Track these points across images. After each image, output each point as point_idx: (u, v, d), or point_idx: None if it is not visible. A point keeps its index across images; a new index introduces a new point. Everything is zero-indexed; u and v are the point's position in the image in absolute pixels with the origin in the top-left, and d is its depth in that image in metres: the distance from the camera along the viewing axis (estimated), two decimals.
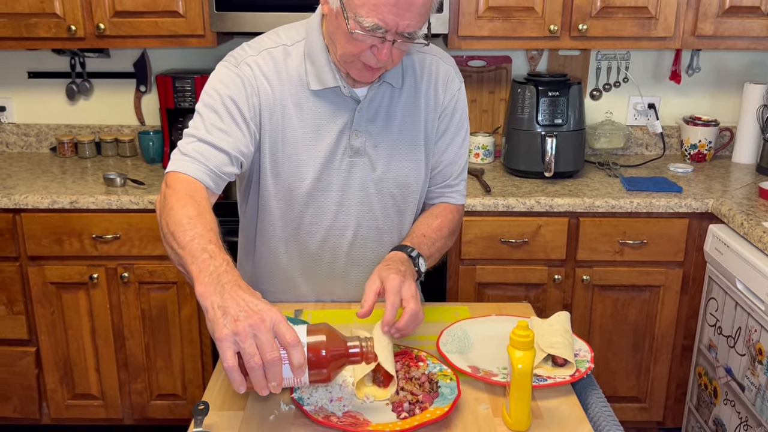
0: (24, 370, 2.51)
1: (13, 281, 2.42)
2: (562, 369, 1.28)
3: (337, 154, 1.45)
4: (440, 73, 1.51)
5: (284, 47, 1.43)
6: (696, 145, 2.78)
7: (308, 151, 1.43)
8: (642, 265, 2.40)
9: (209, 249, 1.12)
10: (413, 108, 1.48)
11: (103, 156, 2.88)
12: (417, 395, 1.19)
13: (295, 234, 1.51)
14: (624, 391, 2.55)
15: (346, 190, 1.47)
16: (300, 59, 1.42)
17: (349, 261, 1.54)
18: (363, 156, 1.46)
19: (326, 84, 1.40)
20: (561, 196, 2.35)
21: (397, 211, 1.53)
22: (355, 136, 1.44)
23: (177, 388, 2.55)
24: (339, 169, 1.45)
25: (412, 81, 1.48)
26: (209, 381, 1.29)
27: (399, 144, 1.48)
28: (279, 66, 1.41)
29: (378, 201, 1.50)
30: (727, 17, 2.45)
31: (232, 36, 2.70)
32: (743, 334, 2.07)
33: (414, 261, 1.41)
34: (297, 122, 1.42)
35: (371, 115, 1.45)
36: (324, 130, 1.43)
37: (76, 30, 2.46)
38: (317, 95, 1.42)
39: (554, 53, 2.83)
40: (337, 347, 1.07)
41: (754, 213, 2.17)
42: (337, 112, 1.43)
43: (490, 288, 2.42)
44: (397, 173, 1.49)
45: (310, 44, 1.41)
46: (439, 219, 1.55)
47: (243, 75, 1.39)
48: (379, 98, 1.45)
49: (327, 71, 1.40)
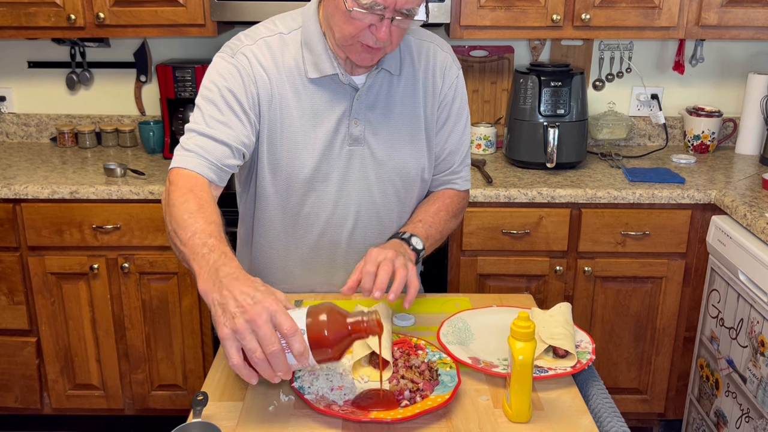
0: (25, 361, 2.51)
1: (13, 271, 2.41)
2: (563, 360, 1.27)
3: (336, 143, 1.44)
4: (437, 60, 1.50)
5: (280, 35, 1.42)
6: (699, 136, 2.76)
7: (307, 140, 1.42)
8: (644, 256, 2.39)
9: (209, 243, 1.14)
10: (412, 95, 1.48)
11: (104, 146, 2.87)
12: (417, 383, 1.19)
13: (293, 224, 1.50)
14: (625, 382, 2.54)
15: (346, 179, 1.46)
16: (297, 47, 1.41)
17: (349, 251, 1.53)
18: (362, 144, 1.45)
19: (324, 72, 1.39)
20: (563, 187, 2.34)
21: (397, 200, 1.52)
22: (354, 124, 1.43)
23: (178, 378, 2.55)
24: (338, 158, 1.45)
25: (410, 68, 1.47)
26: (209, 372, 1.28)
27: (399, 131, 1.47)
28: (275, 54, 1.40)
29: (378, 189, 1.49)
30: (732, 7, 2.43)
31: (233, 25, 2.69)
32: (745, 326, 2.07)
33: (407, 241, 1.41)
34: (295, 111, 1.41)
35: (370, 102, 1.44)
36: (322, 118, 1.42)
37: (75, 19, 2.44)
38: (315, 83, 1.41)
39: (557, 43, 2.81)
40: (339, 326, 1.07)
41: (758, 204, 2.16)
42: (335, 100, 1.42)
43: (491, 279, 2.42)
44: (397, 161, 1.48)
45: (307, 32, 1.40)
46: (436, 204, 1.55)
47: (240, 65, 1.38)
48: (377, 86, 1.45)
49: (325, 59, 1.39)
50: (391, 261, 1.30)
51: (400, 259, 1.31)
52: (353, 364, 1.21)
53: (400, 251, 1.36)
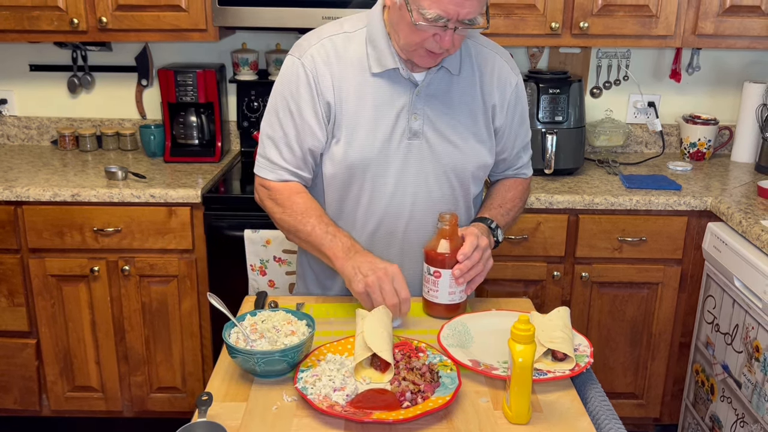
0: (24, 362, 2.52)
1: (14, 273, 2.42)
2: (562, 363, 1.29)
3: (395, 136, 1.49)
4: (495, 68, 1.57)
5: (345, 34, 1.50)
6: (695, 144, 2.79)
7: (368, 132, 1.49)
8: (641, 262, 2.41)
9: (330, 231, 1.46)
10: (471, 96, 1.54)
11: (104, 149, 2.89)
12: (419, 385, 1.20)
13: (353, 214, 1.56)
14: (621, 387, 2.56)
15: (404, 172, 1.52)
16: (362, 44, 1.49)
17: (405, 243, 1.58)
18: (421, 138, 1.50)
19: (386, 66, 1.46)
20: (561, 193, 2.36)
21: (452, 195, 1.57)
22: (414, 119, 1.49)
23: (177, 381, 2.56)
24: (397, 151, 1.50)
25: (470, 70, 1.54)
26: (212, 372, 1.30)
27: (456, 128, 1.52)
28: (339, 51, 1.48)
29: (435, 183, 1.54)
30: (728, 16, 2.46)
31: (234, 30, 2.71)
32: (740, 332, 2.09)
33: (493, 232, 1.54)
34: (357, 105, 1.48)
35: (429, 97, 1.50)
36: (383, 112, 1.48)
37: (78, 23, 2.46)
38: (377, 78, 1.48)
39: (555, 50, 2.84)
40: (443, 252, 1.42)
41: (753, 211, 2.18)
42: (395, 95, 1.49)
43: (489, 284, 2.44)
44: (454, 156, 1.53)
45: (372, 30, 1.48)
46: (512, 191, 1.67)
47: (306, 65, 1.48)
48: (437, 82, 1.51)
49: (387, 54, 1.46)
50: (482, 251, 1.45)
51: (487, 252, 1.47)
52: (355, 366, 1.22)
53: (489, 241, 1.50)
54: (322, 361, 1.27)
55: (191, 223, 2.37)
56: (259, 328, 1.30)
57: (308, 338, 1.26)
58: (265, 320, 1.33)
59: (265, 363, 1.21)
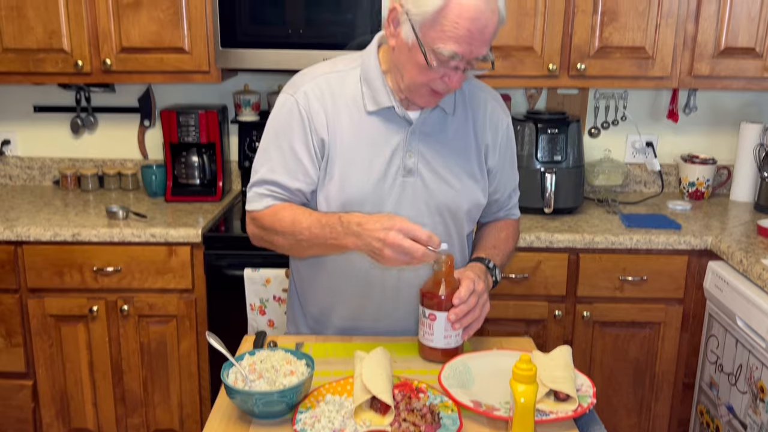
0: (20, 404, 2.49)
1: (12, 313, 2.41)
2: (565, 404, 1.27)
3: (390, 173, 1.50)
4: (488, 108, 1.59)
5: (339, 73, 1.52)
6: (694, 183, 2.81)
7: (362, 170, 1.49)
8: (642, 301, 2.40)
9: (323, 221, 1.40)
10: (465, 135, 1.55)
11: (106, 189, 2.90)
12: (419, 426, 1.19)
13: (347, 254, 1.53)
14: (625, 429, 2.52)
15: (399, 209, 1.52)
16: (356, 83, 1.50)
17: (401, 280, 1.57)
18: (415, 175, 1.51)
19: (382, 104, 1.48)
20: (561, 231, 2.36)
21: (446, 233, 1.57)
22: (408, 156, 1.50)
23: (174, 423, 2.52)
24: (392, 188, 1.51)
25: (463, 111, 1.55)
26: (210, 413, 1.28)
27: (451, 166, 1.53)
28: (334, 89, 1.49)
29: (429, 221, 1.54)
30: (723, 58, 2.50)
31: (236, 72, 2.74)
32: (744, 372, 2.07)
33: (491, 272, 1.53)
34: (352, 142, 1.49)
35: (424, 135, 1.51)
36: (378, 149, 1.49)
37: (83, 65, 2.50)
38: (372, 116, 1.49)
39: (553, 91, 2.87)
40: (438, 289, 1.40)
41: (753, 250, 2.18)
42: (390, 133, 1.50)
43: (490, 323, 2.42)
44: (448, 194, 1.54)
45: (366, 69, 1.50)
46: (504, 231, 1.67)
47: (300, 102, 1.49)
48: (431, 121, 1.52)
49: (383, 93, 1.48)
50: (478, 296, 1.41)
51: (484, 296, 1.44)
52: (355, 409, 1.21)
53: (487, 284, 1.48)
54: (321, 402, 1.26)
55: (191, 262, 2.37)
56: (257, 367, 1.29)
57: (307, 378, 1.25)
58: (264, 360, 1.32)
59: (263, 404, 1.20)
